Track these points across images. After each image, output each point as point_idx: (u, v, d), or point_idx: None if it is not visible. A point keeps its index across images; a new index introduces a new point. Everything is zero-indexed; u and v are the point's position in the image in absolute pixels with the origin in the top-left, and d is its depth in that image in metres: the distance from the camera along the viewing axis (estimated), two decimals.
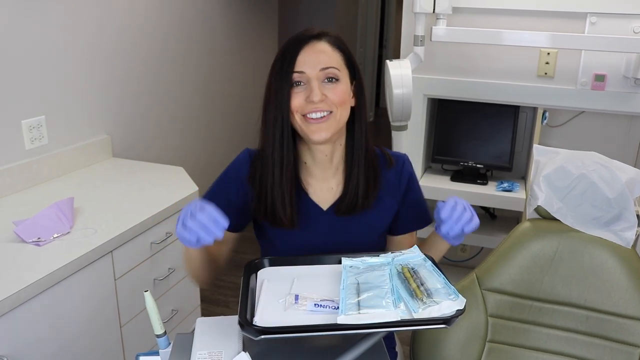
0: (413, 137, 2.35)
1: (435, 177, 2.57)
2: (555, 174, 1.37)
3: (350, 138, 1.20)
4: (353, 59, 1.17)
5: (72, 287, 1.50)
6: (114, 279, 1.66)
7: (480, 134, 2.49)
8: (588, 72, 2.12)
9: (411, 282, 0.98)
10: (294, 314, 0.92)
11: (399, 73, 1.83)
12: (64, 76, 2.07)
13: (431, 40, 2.03)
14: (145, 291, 0.99)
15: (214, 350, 0.96)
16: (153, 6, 2.54)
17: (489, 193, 2.41)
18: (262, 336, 0.86)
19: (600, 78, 2.10)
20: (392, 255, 1.08)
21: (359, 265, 1.05)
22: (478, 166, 2.51)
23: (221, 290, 2.87)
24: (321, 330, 0.89)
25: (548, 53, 2.15)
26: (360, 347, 0.96)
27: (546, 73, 2.17)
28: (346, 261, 1.06)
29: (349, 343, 0.97)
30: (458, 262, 2.67)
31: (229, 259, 1.29)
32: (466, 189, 2.43)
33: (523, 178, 2.59)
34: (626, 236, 1.34)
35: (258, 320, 0.91)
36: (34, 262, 1.44)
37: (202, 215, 0.95)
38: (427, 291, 0.94)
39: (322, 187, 1.22)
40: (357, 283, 0.98)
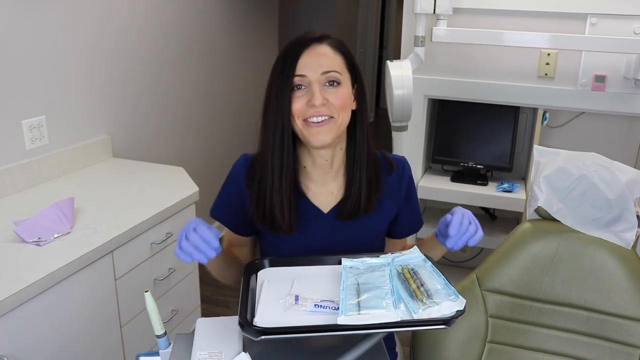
0: (413, 138, 2.35)
1: (435, 178, 2.57)
2: (555, 175, 1.37)
3: (351, 142, 1.19)
4: (355, 62, 1.16)
5: (73, 287, 1.50)
6: (114, 279, 1.66)
7: (480, 135, 2.50)
8: (588, 73, 2.12)
9: (411, 283, 0.98)
10: (294, 315, 0.92)
11: (400, 74, 1.83)
12: (64, 76, 2.07)
13: (432, 40, 2.03)
14: (145, 291, 0.99)
15: (214, 350, 0.96)
16: (153, 6, 2.54)
17: (489, 194, 2.41)
18: (263, 337, 0.86)
19: (600, 79, 2.10)
20: (392, 256, 1.08)
21: (359, 266, 1.05)
22: (478, 167, 2.51)
23: (221, 290, 2.87)
24: (321, 330, 0.89)
25: (548, 54, 2.15)
26: (360, 348, 0.96)
27: (546, 74, 2.17)
28: (346, 262, 1.06)
29: (349, 344, 0.97)
30: (458, 263, 2.67)
31: (253, 257, 1.32)
32: (466, 190, 2.43)
33: (523, 179, 2.59)
34: (626, 237, 1.34)
35: (258, 320, 0.91)
36: (34, 262, 1.44)
37: (195, 237, 0.97)
38: (427, 292, 0.94)
39: (322, 191, 1.21)
40: (357, 284, 0.98)
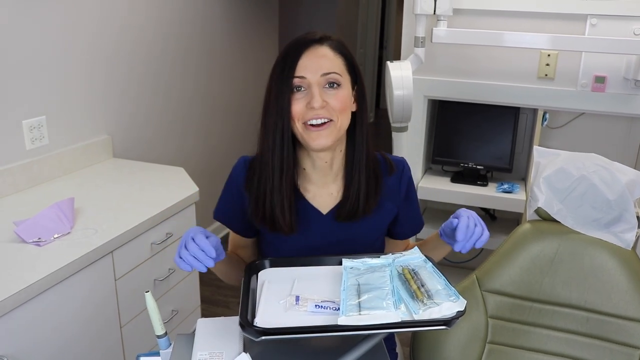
0: (413, 139, 2.35)
1: (435, 179, 2.57)
2: (555, 176, 1.37)
3: (350, 144, 1.18)
4: (355, 64, 1.15)
5: (73, 288, 1.50)
6: (115, 280, 1.66)
7: (480, 136, 2.50)
8: (588, 74, 2.12)
9: (412, 284, 0.98)
10: (295, 315, 0.92)
11: (400, 74, 1.83)
12: (65, 76, 2.07)
13: (432, 41, 2.03)
14: (146, 292, 0.99)
15: (215, 351, 0.96)
16: (153, 7, 2.54)
17: (489, 194, 2.41)
18: (263, 337, 0.86)
19: (600, 80, 2.11)
20: (393, 256, 1.08)
21: (360, 266, 1.05)
22: (478, 167, 2.51)
23: (221, 290, 2.86)
24: (322, 331, 0.89)
25: (548, 55, 2.15)
26: (360, 348, 0.95)
27: (546, 75, 2.17)
28: (347, 262, 1.06)
29: (350, 344, 0.97)
30: (458, 264, 2.67)
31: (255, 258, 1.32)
32: (466, 190, 2.44)
33: (523, 179, 2.59)
34: (626, 238, 1.34)
35: (259, 321, 0.91)
36: (35, 263, 1.44)
37: (193, 247, 0.98)
38: (428, 292, 0.94)
39: (322, 193, 1.21)
40: (358, 284, 0.98)
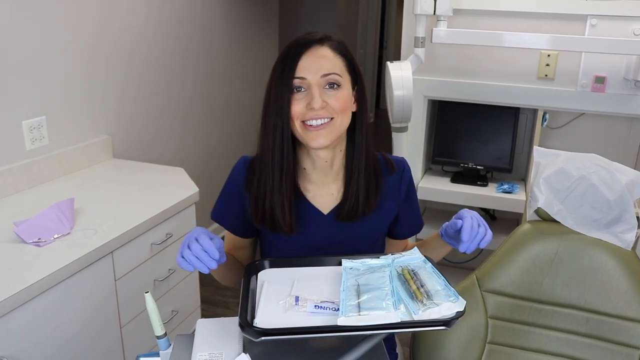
0: (413, 139, 2.35)
1: (435, 179, 2.57)
2: (555, 176, 1.37)
3: (350, 144, 1.18)
4: (355, 64, 1.15)
5: (73, 288, 1.50)
6: (114, 280, 1.66)
7: (480, 136, 2.50)
8: (588, 74, 2.12)
9: (411, 284, 0.98)
10: (295, 316, 0.92)
11: (400, 75, 1.83)
12: (65, 76, 2.07)
13: (432, 41, 2.03)
14: (145, 292, 0.99)
15: (215, 351, 0.96)
16: (153, 7, 2.54)
17: (489, 194, 2.41)
18: (263, 337, 0.86)
19: (600, 80, 2.11)
20: (392, 257, 1.08)
21: (359, 267, 1.05)
22: (478, 168, 2.51)
23: (221, 291, 2.86)
24: (321, 331, 0.89)
25: (548, 55, 2.15)
26: (360, 349, 0.96)
27: (546, 75, 2.17)
28: (346, 263, 1.06)
29: (350, 344, 0.97)
30: (458, 264, 2.67)
31: (253, 259, 1.33)
32: (466, 191, 2.44)
33: (523, 180, 2.59)
34: (626, 238, 1.34)
35: (258, 321, 0.91)
36: (35, 263, 1.44)
37: (196, 247, 0.98)
38: (427, 293, 0.94)
39: (322, 193, 1.21)
40: (357, 285, 0.98)
